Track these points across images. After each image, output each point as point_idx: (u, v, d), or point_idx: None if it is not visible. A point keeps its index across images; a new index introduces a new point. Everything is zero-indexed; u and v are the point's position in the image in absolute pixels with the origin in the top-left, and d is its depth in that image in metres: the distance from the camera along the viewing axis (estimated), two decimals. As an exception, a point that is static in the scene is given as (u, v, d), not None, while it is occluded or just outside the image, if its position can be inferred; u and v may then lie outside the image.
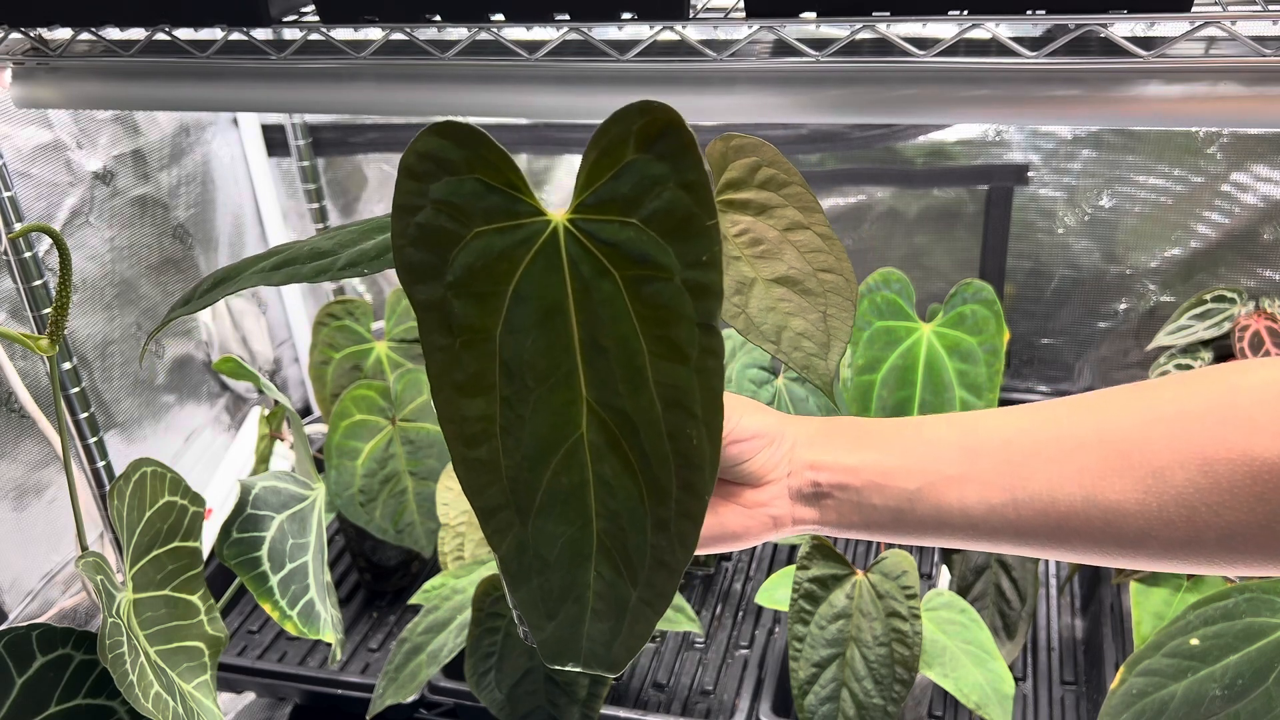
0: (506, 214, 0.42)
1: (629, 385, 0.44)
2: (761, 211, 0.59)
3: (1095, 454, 0.48)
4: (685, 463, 0.44)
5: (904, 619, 0.92)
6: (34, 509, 1.14)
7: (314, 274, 0.54)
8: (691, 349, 0.43)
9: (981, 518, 0.50)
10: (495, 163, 0.41)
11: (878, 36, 0.68)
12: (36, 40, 0.82)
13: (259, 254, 0.59)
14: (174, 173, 1.34)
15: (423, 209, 0.42)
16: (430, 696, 1.09)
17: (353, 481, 1.22)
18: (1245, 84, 0.64)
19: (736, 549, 0.55)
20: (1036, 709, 1.14)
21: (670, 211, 0.41)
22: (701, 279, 0.42)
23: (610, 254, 0.42)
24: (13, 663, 0.58)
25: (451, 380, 0.44)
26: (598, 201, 0.42)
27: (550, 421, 0.45)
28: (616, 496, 0.46)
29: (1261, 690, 0.76)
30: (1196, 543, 0.46)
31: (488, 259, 0.43)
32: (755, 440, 0.53)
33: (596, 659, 0.48)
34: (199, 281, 0.59)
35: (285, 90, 0.82)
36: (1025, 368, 1.45)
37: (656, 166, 0.41)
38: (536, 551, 0.47)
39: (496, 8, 0.70)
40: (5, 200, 0.92)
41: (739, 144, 0.58)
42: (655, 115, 0.40)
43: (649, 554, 0.46)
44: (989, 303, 1.14)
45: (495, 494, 0.46)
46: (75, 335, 1.18)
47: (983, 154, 1.32)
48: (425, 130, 0.41)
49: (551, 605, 0.47)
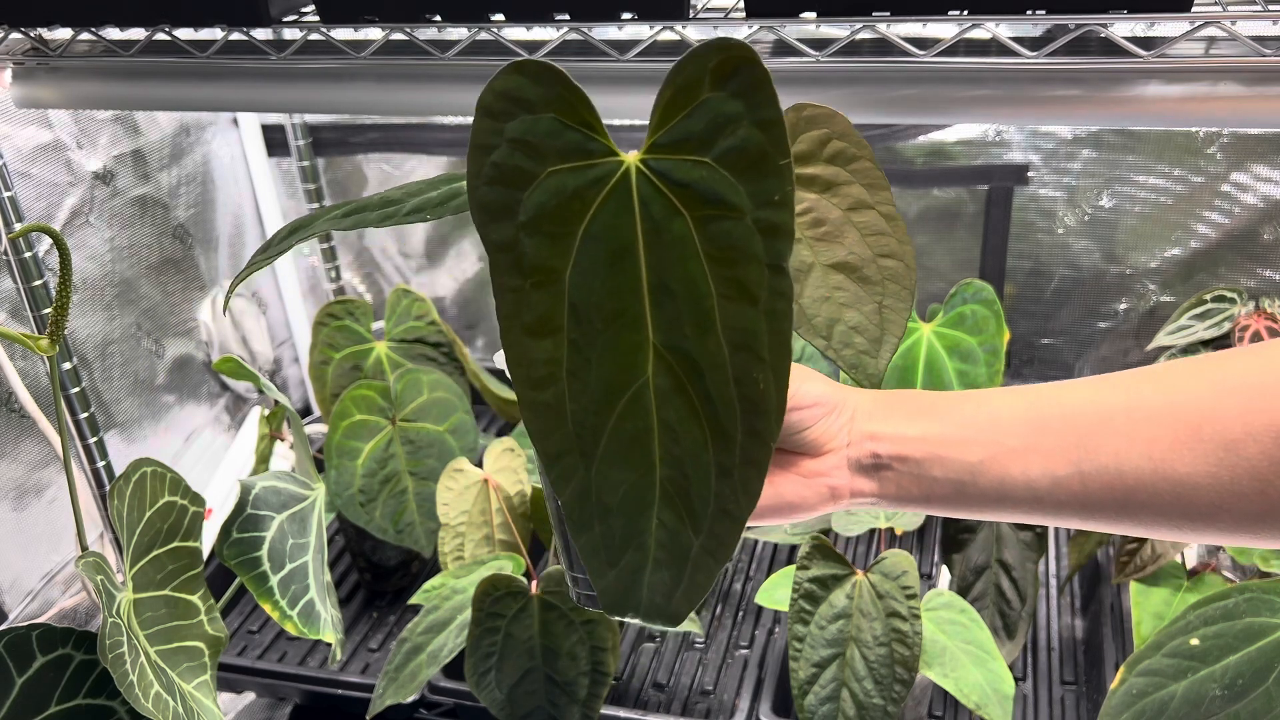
0: (581, 153, 0.42)
1: (696, 328, 0.43)
2: (827, 188, 0.58)
3: (1165, 426, 0.47)
4: (751, 408, 0.44)
5: (904, 619, 0.92)
6: (34, 509, 1.14)
7: (380, 219, 0.55)
8: (761, 290, 0.42)
9: (1046, 491, 0.49)
10: (572, 101, 0.41)
11: (878, 36, 0.68)
12: (36, 40, 0.82)
13: (331, 205, 0.59)
14: (174, 173, 1.34)
15: (498, 148, 0.42)
16: (430, 696, 1.09)
17: (353, 481, 1.22)
18: (1245, 84, 0.64)
19: (795, 520, 0.54)
20: (1036, 709, 1.14)
21: (743, 150, 0.41)
22: (773, 219, 0.41)
23: (682, 194, 0.42)
24: (13, 663, 0.58)
25: (521, 322, 0.44)
26: (670, 141, 0.41)
27: (616, 365, 0.44)
28: (681, 442, 0.45)
29: (1261, 690, 0.75)
30: (1270, 516, 0.45)
31: (561, 198, 0.42)
32: (816, 408, 0.52)
33: (657, 610, 0.47)
34: (276, 231, 0.60)
35: (285, 90, 0.82)
36: (1025, 368, 1.45)
37: (731, 104, 0.40)
38: (599, 498, 0.46)
39: (496, 8, 0.70)
40: (5, 200, 0.92)
41: (811, 114, 0.57)
42: (731, 52, 0.39)
43: (712, 501, 0.45)
44: (989, 303, 1.14)
45: (560, 439, 0.45)
46: (75, 335, 1.18)
47: (983, 154, 1.32)
48: (505, 69, 0.41)
49: (613, 553, 0.47)
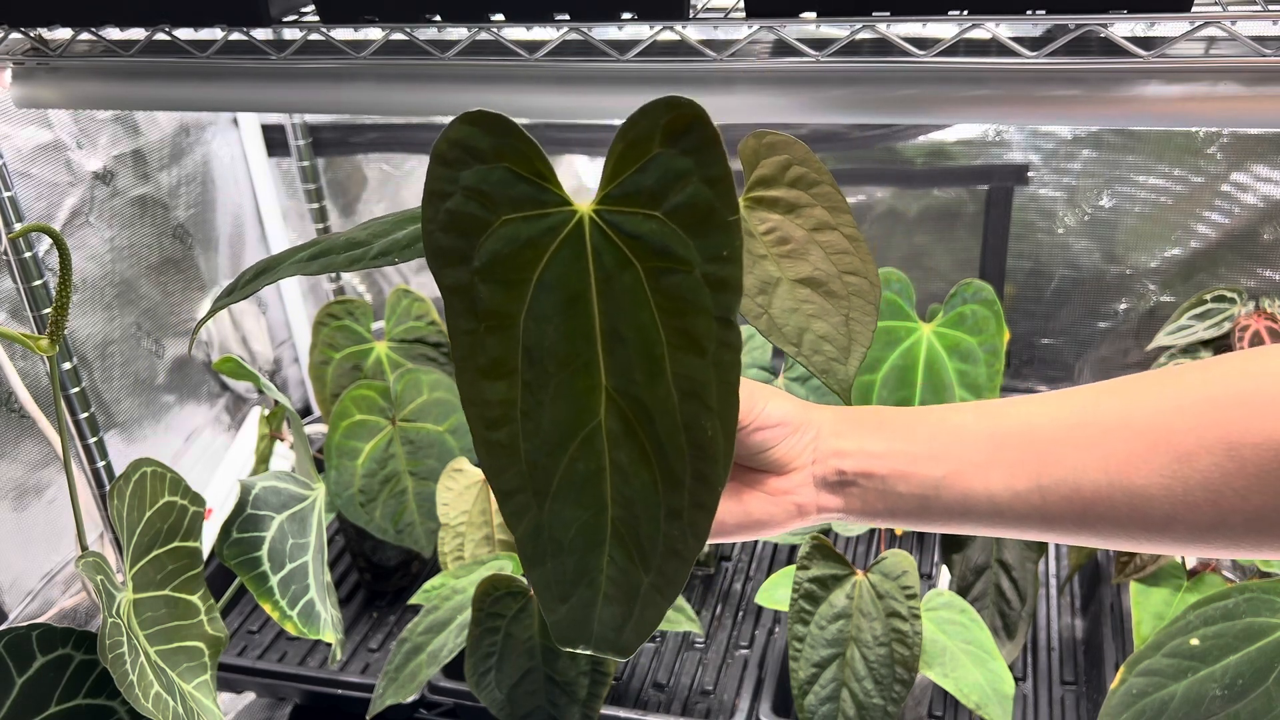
0: (534, 203, 0.43)
1: (647, 375, 0.44)
2: (790, 210, 0.59)
3: (1120, 439, 0.48)
4: (700, 453, 0.45)
5: (904, 619, 0.92)
6: (34, 509, 1.14)
7: (348, 263, 0.55)
8: (709, 342, 0.43)
9: (1007, 504, 0.50)
10: (525, 152, 0.42)
11: (878, 36, 0.68)
12: (36, 40, 0.82)
13: (297, 246, 0.60)
14: (174, 173, 1.34)
15: (453, 195, 0.43)
16: (430, 696, 1.09)
17: (353, 481, 1.22)
18: (1245, 84, 0.64)
19: (763, 537, 0.55)
20: (1036, 709, 1.14)
21: (693, 206, 0.42)
22: (721, 273, 0.42)
23: (633, 245, 0.43)
24: (13, 663, 0.58)
25: (475, 364, 0.45)
26: (623, 193, 0.42)
27: (569, 407, 0.46)
28: (631, 484, 0.46)
29: (1261, 690, 0.75)
30: (1223, 527, 0.46)
31: (514, 246, 0.43)
32: (780, 427, 0.53)
33: (607, 642, 0.49)
34: (241, 273, 0.60)
35: (285, 90, 0.82)
36: (1025, 368, 1.45)
37: (681, 161, 0.41)
38: (552, 535, 0.47)
39: (496, 8, 0.70)
40: (5, 200, 0.92)
41: (771, 141, 0.59)
42: (681, 110, 0.40)
43: (661, 541, 0.46)
44: (989, 303, 1.14)
45: (514, 477, 0.46)
46: (75, 335, 1.18)
47: (983, 154, 1.32)
48: (457, 118, 0.42)
49: (565, 588, 0.48)
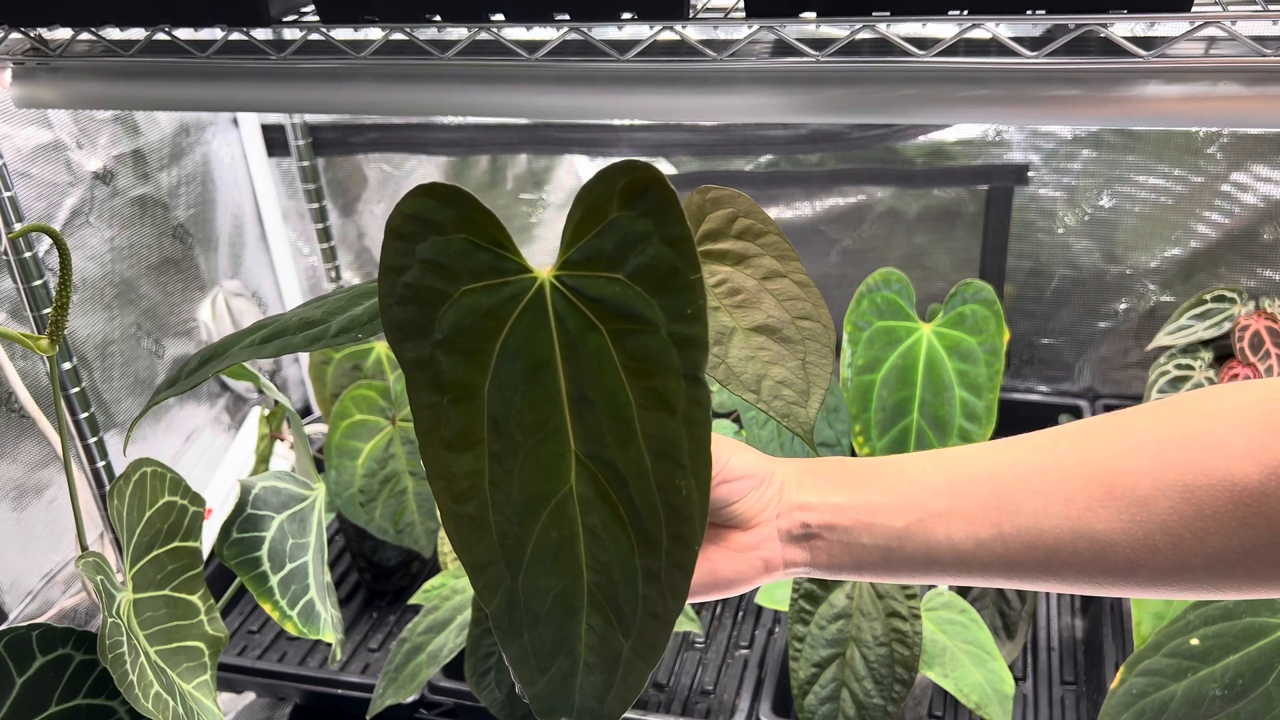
0: (493, 272, 0.43)
1: (617, 437, 0.44)
2: (740, 261, 0.59)
3: (1080, 484, 0.48)
4: (675, 513, 0.44)
5: (904, 619, 0.92)
6: (34, 509, 1.14)
7: (307, 343, 0.54)
8: (679, 400, 0.43)
9: (970, 553, 0.50)
10: (481, 222, 0.42)
11: (878, 36, 0.68)
12: (36, 40, 0.82)
13: (246, 328, 0.59)
14: (174, 173, 1.34)
15: (410, 269, 0.42)
16: (430, 696, 1.09)
17: (353, 481, 1.22)
18: (1245, 84, 0.64)
19: (730, 595, 0.55)
20: (1036, 709, 1.14)
21: (654, 267, 0.42)
22: (686, 331, 0.42)
23: (596, 309, 0.43)
24: (13, 663, 0.58)
25: (440, 437, 0.44)
26: (583, 258, 0.42)
27: (539, 475, 0.45)
28: (607, 549, 0.46)
29: (1261, 690, 0.76)
30: (1184, 569, 0.46)
31: (475, 317, 0.43)
32: (744, 481, 0.53)
33: (590, 713, 0.48)
34: (186, 360, 0.59)
35: (285, 90, 0.82)
36: (1025, 368, 1.45)
37: (640, 223, 0.41)
38: (528, 606, 0.46)
39: (496, 8, 0.70)
40: (5, 200, 0.92)
41: (715, 195, 0.59)
42: (638, 173, 0.41)
43: (640, 605, 0.46)
44: (989, 303, 1.14)
45: (485, 549, 0.45)
46: (75, 335, 1.18)
47: (983, 154, 1.32)
48: (411, 191, 0.42)
49: (543, 660, 0.47)
